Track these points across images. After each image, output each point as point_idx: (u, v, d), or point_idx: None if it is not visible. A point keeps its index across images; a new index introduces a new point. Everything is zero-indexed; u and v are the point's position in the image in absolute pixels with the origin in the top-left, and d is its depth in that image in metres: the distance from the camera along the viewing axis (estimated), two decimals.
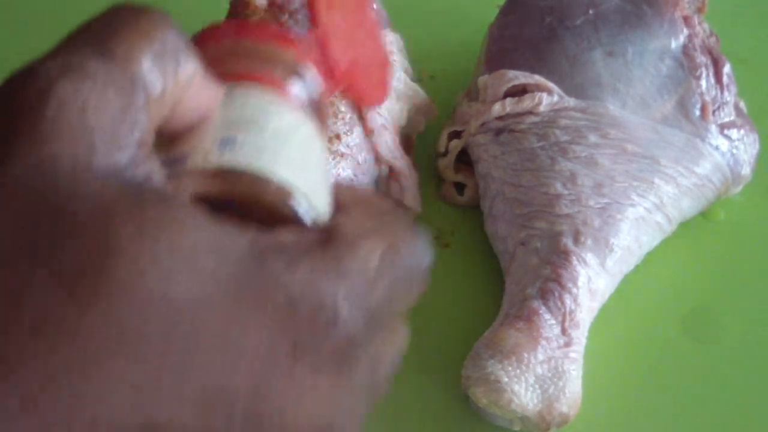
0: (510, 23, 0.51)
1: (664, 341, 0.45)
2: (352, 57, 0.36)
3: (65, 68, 0.24)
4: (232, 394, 0.24)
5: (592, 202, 0.45)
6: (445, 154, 0.51)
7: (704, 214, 0.50)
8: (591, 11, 0.50)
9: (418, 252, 0.29)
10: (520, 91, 0.48)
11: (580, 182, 0.45)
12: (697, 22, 0.50)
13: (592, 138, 0.46)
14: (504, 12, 0.52)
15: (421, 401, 0.43)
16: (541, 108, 0.47)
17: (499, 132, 0.48)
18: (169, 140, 0.28)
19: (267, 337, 0.25)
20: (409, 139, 0.51)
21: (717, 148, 0.47)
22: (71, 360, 0.23)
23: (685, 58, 0.48)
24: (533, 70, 0.48)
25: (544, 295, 0.42)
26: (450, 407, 0.43)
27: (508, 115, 0.48)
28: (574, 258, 0.43)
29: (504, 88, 0.48)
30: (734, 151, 0.48)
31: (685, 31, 0.49)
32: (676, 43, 0.49)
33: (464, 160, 0.51)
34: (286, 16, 0.47)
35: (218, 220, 0.25)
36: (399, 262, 0.28)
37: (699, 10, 0.51)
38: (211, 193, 0.27)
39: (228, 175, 0.27)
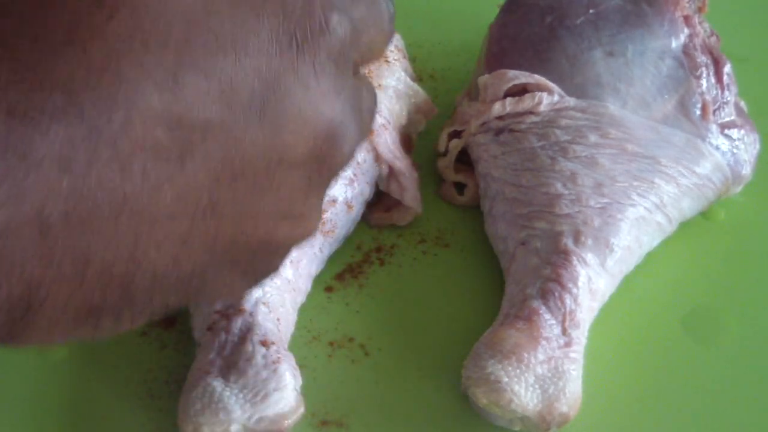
0: (510, 23, 0.51)
1: (664, 341, 0.45)
2: None
3: None
4: (247, 90, 0.27)
5: (592, 202, 0.45)
6: (445, 154, 0.51)
7: (704, 214, 0.50)
8: (591, 11, 0.50)
9: None
10: (520, 91, 0.48)
11: (580, 182, 0.45)
12: (697, 21, 0.50)
13: (593, 138, 0.46)
14: (504, 12, 0.52)
15: (421, 401, 0.43)
16: (542, 108, 0.47)
17: (499, 132, 0.48)
18: None
19: (269, 37, 0.28)
20: (409, 139, 0.51)
21: (717, 147, 0.47)
22: (103, 62, 0.25)
23: (686, 57, 0.48)
24: (533, 70, 0.48)
25: (544, 295, 0.42)
26: (450, 407, 0.43)
27: (508, 115, 0.48)
28: (574, 258, 0.43)
29: (504, 88, 0.48)
30: (735, 150, 0.48)
31: (686, 30, 0.49)
32: (676, 43, 0.49)
33: (464, 160, 0.51)
34: None
35: None
36: None
37: (699, 10, 0.51)
38: None
39: None
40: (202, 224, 0.28)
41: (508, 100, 0.48)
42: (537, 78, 0.48)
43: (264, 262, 0.32)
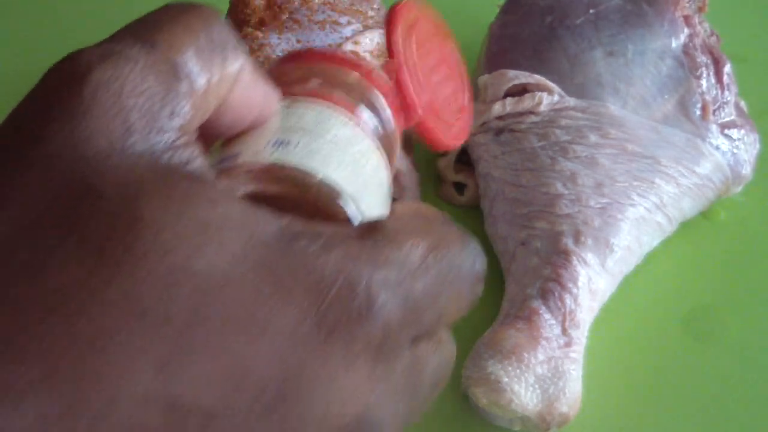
0: (510, 23, 0.51)
1: (664, 341, 0.45)
2: (429, 96, 0.34)
3: (105, 53, 0.24)
4: (260, 377, 0.24)
5: (592, 202, 0.45)
6: (445, 154, 0.51)
7: (705, 214, 0.50)
8: (591, 11, 0.50)
9: (468, 256, 0.27)
10: (520, 91, 0.48)
11: (580, 182, 0.45)
12: (697, 21, 0.50)
13: (593, 138, 0.46)
14: (504, 12, 0.52)
15: None
16: (542, 108, 0.47)
17: (499, 132, 0.48)
18: (223, 142, 0.28)
19: (296, 319, 0.24)
20: (409, 139, 0.51)
21: (717, 147, 0.47)
22: (93, 333, 0.22)
23: (686, 57, 0.48)
24: (533, 70, 0.48)
25: (544, 295, 0.42)
26: (450, 407, 0.43)
27: (508, 115, 0.48)
28: (574, 258, 0.43)
29: (504, 88, 0.48)
30: (735, 150, 0.48)
31: (686, 30, 0.49)
32: (676, 43, 0.49)
33: (464, 160, 0.51)
34: (286, 15, 0.47)
35: (254, 206, 0.24)
36: (445, 261, 0.26)
37: (700, 10, 0.51)
38: (258, 190, 0.26)
39: (275, 170, 0.26)
40: None
41: (508, 100, 0.48)
42: (537, 78, 0.48)
43: None
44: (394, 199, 0.50)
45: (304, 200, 0.26)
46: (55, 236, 0.23)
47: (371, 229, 0.26)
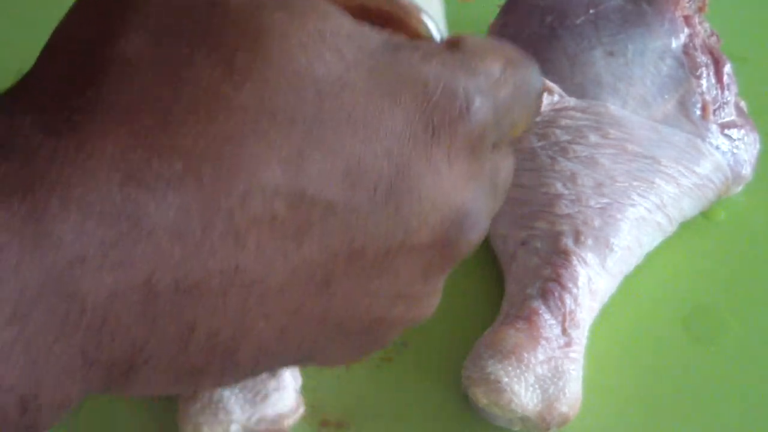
0: (510, 23, 0.51)
1: (664, 341, 0.45)
2: None
3: None
4: (375, 172, 0.26)
5: (592, 202, 0.45)
6: None
7: (705, 214, 0.50)
8: (591, 11, 0.50)
9: (534, 73, 0.31)
10: None
11: (580, 182, 0.45)
12: (697, 21, 0.50)
13: (593, 138, 0.46)
14: (504, 11, 0.52)
15: (420, 401, 0.43)
16: (542, 108, 0.47)
17: None
18: None
19: (405, 120, 0.26)
20: None
21: (717, 147, 0.47)
22: (228, 132, 0.24)
23: (686, 57, 0.48)
24: None
25: (544, 295, 0.42)
26: (450, 407, 0.43)
27: None
28: (574, 258, 0.43)
29: None
30: (735, 150, 0.48)
31: (686, 30, 0.49)
32: (676, 43, 0.49)
33: None
34: None
35: (357, 20, 0.27)
36: (519, 75, 0.30)
37: (700, 10, 0.51)
38: (349, 4, 0.28)
39: None
40: (314, 299, 0.27)
41: None
42: None
43: (376, 337, 0.31)
44: None
45: (392, 17, 0.29)
46: (188, 46, 0.25)
47: (456, 43, 0.29)
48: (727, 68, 0.49)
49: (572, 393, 0.40)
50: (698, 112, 0.47)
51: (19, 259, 0.22)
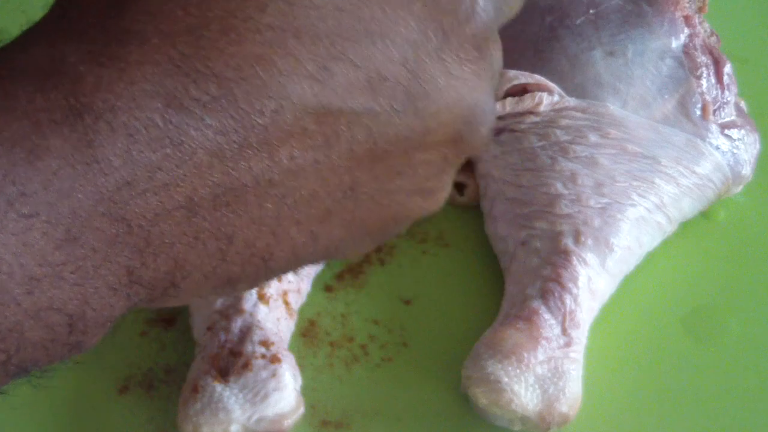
0: (510, 22, 0.51)
1: (664, 341, 0.45)
2: None
3: None
4: (393, 80, 0.28)
5: (592, 202, 0.45)
6: None
7: (705, 214, 0.50)
8: (591, 11, 0.50)
9: None
10: (520, 91, 0.48)
11: (580, 182, 0.45)
12: (697, 21, 0.50)
13: (593, 138, 0.46)
14: None
15: (421, 401, 0.43)
16: (542, 108, 0.47)
17: (499, 132, 0.48)
18: None
19: (417, 27, 0.28)
20: None
21: (718, 147, 0.47)
22: (257, 53, 0.26)
23: (686, 57, 0.48)
24: (533, 70, 0.48)
25: (544, 295, 0.42)
26: (450, 407, 0.43)
27: (508, 115, 0.48)
28: (574, 258, 0.43)
29: (504, 88, 0.48)
30: (735, 150, 0.48)
31: (686, 30, 0.49)
32: (676, 43, 0.49)
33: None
34: None
35: None
36: None
37: (700, 10, 0.51)
38: None
39: None
40: (342, 204, 0.29)
41: (508, 100, 0.48)
42: (537, 78, 0.48)
43: (391, 230, 0.33)
44: None
45: None
46: None
47: None
48: (727, 68, 0.49)
49: (572, 393, 0.40)
50: (698, 112, 0.47)
51: (72, 183, 0.24)
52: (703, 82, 0.48)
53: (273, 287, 0.42)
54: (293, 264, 0.30)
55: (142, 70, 0.25)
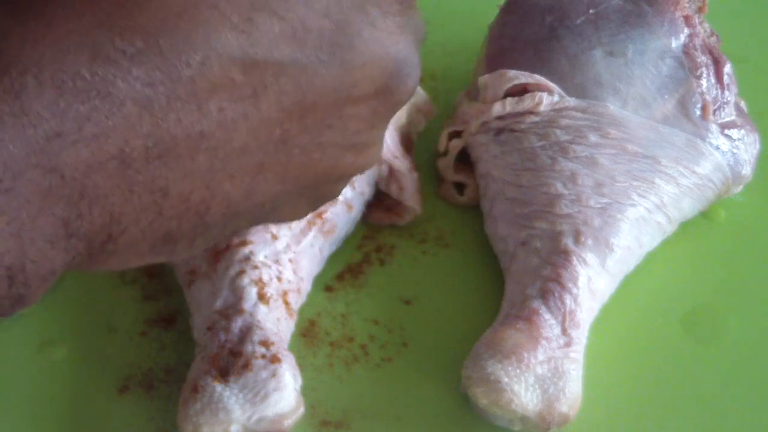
0: (510, 22, 0.51)
1: (664, 341, 0.45)
2: None
3: None
4: (317, 31, 0.29)
5: (592, 202, 0.45)
6: (445, 154, 0.51)
7: (705, 214, 0.50)
8: (591, 11, 0.50)
9: None
10: (520, 91, 0.48)
11: (580, 182, 0.45)
12: (697, 21, 0.50)
13: (593, 138, 0.46)
14: (504, 11, 0.52)
15: (421, 401, 0.43)
16: (542, 108, 0.47)
17: (499, 132, 0.48)
18: None
19: None
20: (409, 139, 0.51)
21: (717, 147, 0.47)
22: (180, 7, 0.26)
23: (686, 57, 0.48)
24: (533, 70, 0.48)
25: (544, 295, 0.42)
26: (450, 407, 0.43)
27: (508, 115, 0.48)
28: (574, 258, 0.43)
29: (504, 88, 0.48)
30: (735, 150, 0.48)
31: (686, 30, 0.49)
32: (676, 43, 0.49)
33: (464, 160, 0.51)
34: None
35: None
36: None
37: (699, 10, 0.51)
38: None
39: None
40: (274, 157, 0.30)
41: (508, 100, 0.48)
42: (537, 78, 0.48)
43: (327, 189, 0.34)
44: (394, 200, 0.50)
45: None
46: None
47: None
48: (727, 68, 0.49)
49: (572, 393, 0.40)
50: (698, 112, 0.47)
51: (2, 135, 0.24)
52: (703, 82, 0.48)
53: (273, 287, 0.42)
54: (230, 220, 0.31)
55: (66, 26, 0.25)
